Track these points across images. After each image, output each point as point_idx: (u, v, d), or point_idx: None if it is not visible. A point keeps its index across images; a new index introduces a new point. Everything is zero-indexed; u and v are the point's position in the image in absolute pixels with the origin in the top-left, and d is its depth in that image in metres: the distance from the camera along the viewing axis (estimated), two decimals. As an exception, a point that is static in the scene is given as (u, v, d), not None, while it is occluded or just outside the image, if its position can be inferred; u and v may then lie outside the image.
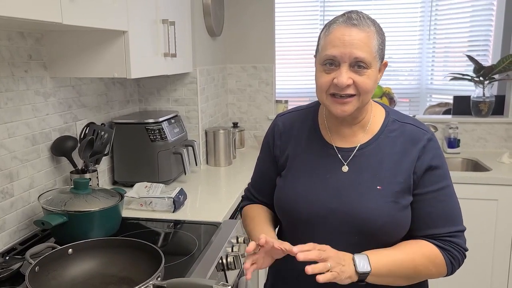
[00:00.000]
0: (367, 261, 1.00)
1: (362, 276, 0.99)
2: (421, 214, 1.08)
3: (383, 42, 1.05)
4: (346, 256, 1.00)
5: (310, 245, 0.96)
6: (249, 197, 1.33)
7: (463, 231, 1.09)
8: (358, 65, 1.01)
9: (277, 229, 1.26)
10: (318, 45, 1.09)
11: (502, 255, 2.38)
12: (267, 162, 1.26)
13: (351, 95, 1.03)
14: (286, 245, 0.98)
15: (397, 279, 1.04)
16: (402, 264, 1.03)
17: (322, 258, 0.95)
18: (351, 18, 1.02)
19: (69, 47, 1.58)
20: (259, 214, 1.24)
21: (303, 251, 0.94)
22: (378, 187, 1.06)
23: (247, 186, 1.36)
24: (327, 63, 1.03)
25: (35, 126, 1.56)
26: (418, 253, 1.05)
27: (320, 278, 0.92)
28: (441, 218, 1.07)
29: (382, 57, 1.06)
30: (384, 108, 1.17)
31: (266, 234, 1.07)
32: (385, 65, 1.09)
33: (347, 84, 1.01)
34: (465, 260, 1.10)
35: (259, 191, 1.29)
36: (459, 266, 1.09)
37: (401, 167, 1.07)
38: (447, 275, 1.09)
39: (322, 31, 1.08)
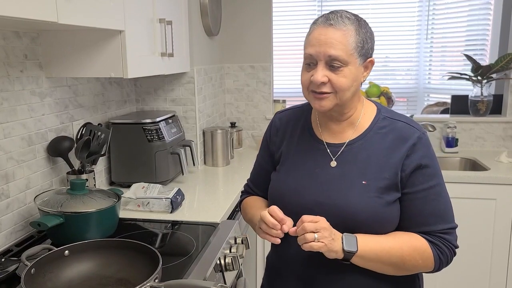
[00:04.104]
0: (355, 242, 1.04)
1: (348, 255, 1.03)
2: (412, 213, 1.10)
3: (364, 40, 1.07)
4: (337, 233, 1.05)
5: (302, 218, 1.03)
6: (248, 191, 1.39)
7: (454, 228, 1.11)
8: (332, 63, 1.05)
9: None
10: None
11: (501, 254, 2.37)
12: (264, 157, 1.32)
13: (326, 92, 1.08)
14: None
15: (383, 266, 1.07)
16: (389, 252, 1.06)
17: (310, 230, 1.01)
18: (329, 18, 1.08)
19: (65, 47, 1.57)
20: (257, 201, 1.31)
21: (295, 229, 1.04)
22: (363, 182, 1.09)
23: (246, 181, 1.41)
24: (307, 62, 1.10)
25: (31, 126, 1.55)
26: (407, 243, 1.07)
27: (306, 246, 1.00)
28: (432, 216, 1.09)
29: (365, 54, 1.09)
30: (376, 106, 1.19)
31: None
32: (371, 62, 1.12)
33: (321, 81, 1.06)
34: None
35: (257, 185, 1.35)
36: (447, 263, 1.11)
37: (388, 163, 1.09)
38: (434, 270, 1.11)
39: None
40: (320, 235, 1.01)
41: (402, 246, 1.06)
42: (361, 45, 1.06)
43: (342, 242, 1.03)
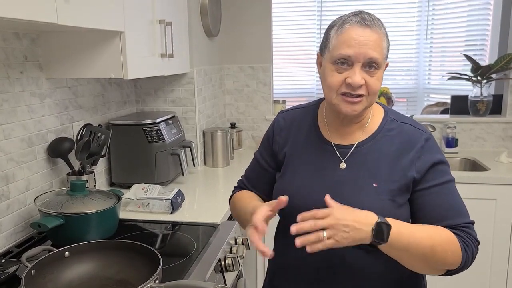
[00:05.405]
0: (386, 232, 0.96)
1: (375, 243, 0.96)
2: (428, 208, 1.08)
3: (389, 45, 1.09)
4: (362, 218, 0.96)
5: (310, 213, 0.95)
6: (240, 187, 1.35)
7: (473, 223, 1.09)
8: (370, 65, 1.03)
9: (275, 225, 1.27)
10: (327, 43, 1.08)
11: (501, 255, 2.37)
12: (265, 155, 1.28)
13: (361, 95, 1.05)
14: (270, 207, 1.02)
15: (412, 257, 1.01)
16: (421, 241, 0.99)
17: (317, 227, 0.93)
18: (365, 19, 1.04)
19: (65, 48, 1.57)
20: (247, 194, 1.27)
21: (299, 226, 0.94)
22: (374, 184, 1.08)
23: (240, 177, 1.37)
24: (339, 62, 1.04)
25: (31, 127, 1.55)
26: (437, 234, 1.02)
27: (310, 248, 0.92)
28: (450, 210, 1.07)
29: (387, 58, 1.10)
30: (383, 108, 1.19)
31: (254, 205, 1.10)
32: (387, 65, 1.11)
33: (360, 84, 1.03)
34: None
35: (252, 183, 1.31)
36: (472, 259, 1.06)
37: (397, 166, 1.09)
38: (460, 266, 1.04)
39: (332, 29, 1.08)
40: (330, 232, 0.93)
41: (434, 237, 1.01)
42: (388, 50, 1.08)
43: (373, 230, 0.95)
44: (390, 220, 0.98)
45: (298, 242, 0.93)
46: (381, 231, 0.95)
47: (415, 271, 1.07)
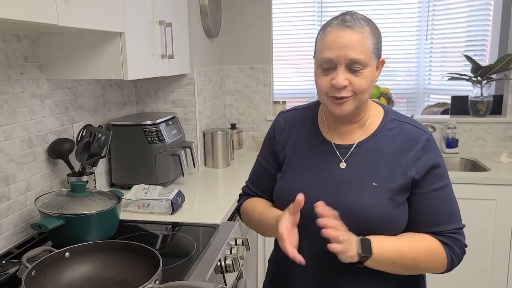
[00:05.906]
0: (369, 246, 1.02)
1: (363, 259, 1.02)
2: (423, 212, 1.10)
3: (378, 41, 1.08)
4: (352, 236, 1.03)
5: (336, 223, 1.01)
6: (247, 193, 1.34)
7: (463, 228, 1.12)
8: (353, 66, 1.04)
9: None
10: (315, 47, 1.12)
11: (501, 255, 2.37)
12: (266, 157, 1.28)
13: (345, 97, 1.06)
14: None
15: (397, 268, 1.07)
16: (404, 255, 1.05)
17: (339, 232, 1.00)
18: (345, 20, 1.05)
19: (66, 49, 1.57)
20: (261, 202, 1.27)
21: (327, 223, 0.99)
22: (373, 183, 1.08)
23: (245, 183, 1.37)
24: (325, 66, 1.06)
25: (31, 128, 1.55)
26: (420, 247, 1.07)
27: (332, 246, 0.98)
28: (443, 216, 1.10)
29: (378, 55, 1.09)
30: (382, 108, 1.19)
31: (276, 214, 1.11)
32: (383, 62, 1.12)
33: (343, 85, 1.04)
34: (464, 260, 1.12)
35: (257, 186, 1.31)
36: (459, 263, 1.11)
37: (397, 165, 1.09)
38: (447, 270, 1.11)
39: (318, 33, 1.11)
40: (344, 238, 0.99)
41: (416, 250, 1.06)
42: (376, 46, 1.07)
43: (358, 246, 1.02)
44: (370, 237, 1.04)
45: (326, 233, 0.99)
46: (365, 245, 1.01)
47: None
